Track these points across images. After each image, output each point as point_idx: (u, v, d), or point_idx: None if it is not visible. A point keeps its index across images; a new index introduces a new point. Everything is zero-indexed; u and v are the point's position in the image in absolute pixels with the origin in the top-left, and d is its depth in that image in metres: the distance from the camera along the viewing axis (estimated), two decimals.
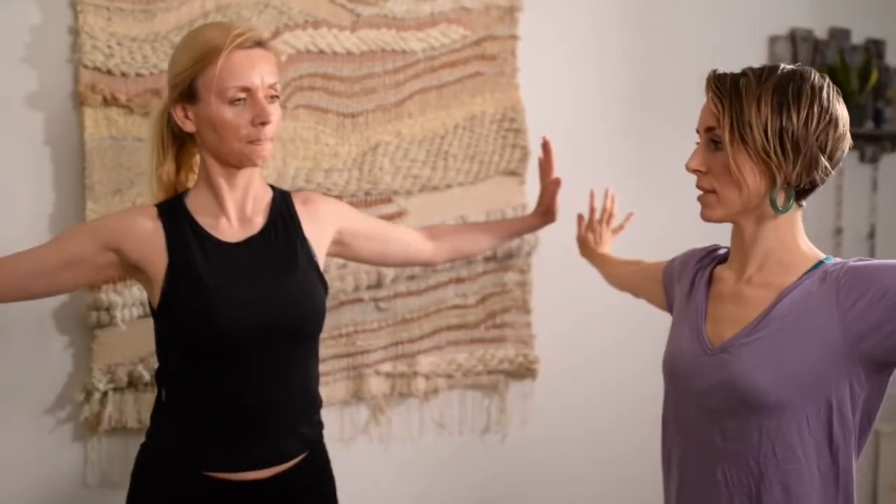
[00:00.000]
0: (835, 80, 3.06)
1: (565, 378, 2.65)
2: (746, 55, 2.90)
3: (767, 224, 1.41)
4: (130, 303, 2.06)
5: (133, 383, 2.09)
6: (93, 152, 2.03)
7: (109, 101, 2.04)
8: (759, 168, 1.35)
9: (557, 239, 2.58)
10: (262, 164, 1.68)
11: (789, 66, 1.38)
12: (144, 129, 2.05)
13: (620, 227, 2.21)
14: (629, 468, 2.75)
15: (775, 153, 1.33)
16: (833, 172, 1.39)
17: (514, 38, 2.51)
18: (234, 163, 1.67)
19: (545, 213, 2.16)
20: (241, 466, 1.68)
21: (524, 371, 2.59)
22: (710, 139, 1.41)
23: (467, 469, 2.57)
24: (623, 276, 2.00)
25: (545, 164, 2.13)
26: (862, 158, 3.19)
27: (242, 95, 1.62)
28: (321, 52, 2.28)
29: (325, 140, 2.29)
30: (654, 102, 2.77)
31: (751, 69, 1.39)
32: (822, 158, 1.34)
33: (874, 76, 3.04)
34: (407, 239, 2.03)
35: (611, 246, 2.17)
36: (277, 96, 1.67)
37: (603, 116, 2.70)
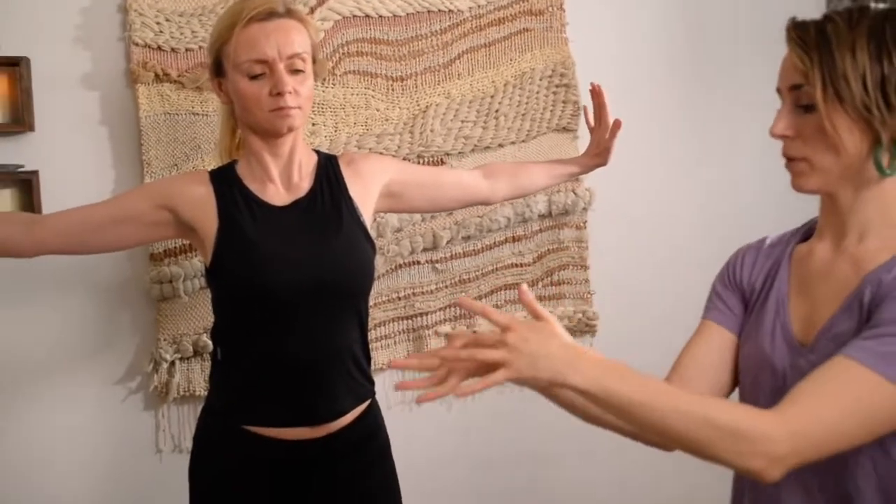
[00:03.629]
0: None
1: (625, 334, 2.63)
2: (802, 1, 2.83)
3: (870, 191, 1.21)
4: (192, 274, 2.11)
5: (198, 352, 2.15)
6: (148, 128, 2.07)
7: (161, 78, 2.08)
8: (858, 126, 1.15)
9: (612, 194, 2.57)
10: (289, 132, 1.71)
11: (881, 5, 1.19)
12: (198, 102, 2.10)
13: None
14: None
15: (877, 107, 1.13)
16: None
17: None
18: (265, 132, 1.71)
19: (602, 153, 2.12)
20: (293, 422, 1.73)
21: (584, 327, 2.58)
22: (797, 99, 1.21)
23: (527, 426, 2.57)
24: (695, 382, 1.39)
25: (599, 108, 2.09)
26: None
27: (258, 69, 1.66)
28: (367, 16, 2.28)
29: (376, 105, 2.30)
30: (706, 47, 2.70)
31: (836, 13, 1.19)
32: None
33: None
34: (461, 180, 2.03)
35: None
36: (301, 70, 1.68)
37: (652, 69, 2.64)
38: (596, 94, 2.09)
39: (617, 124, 2.07)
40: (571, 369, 1.10)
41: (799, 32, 1.20)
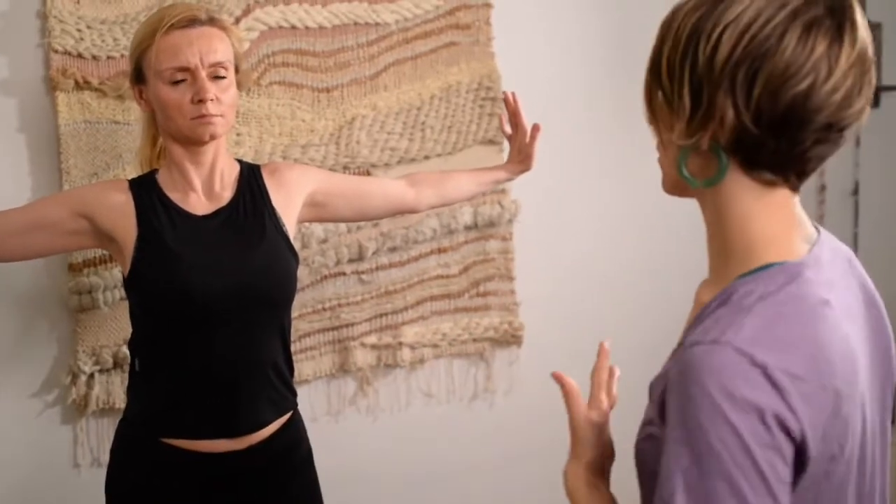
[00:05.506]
0: None
1: (550, 344, 2.67)
2: None
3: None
4: (111, 285, 2.08)
5: (118, 364, 2.11)
6: (67, 136, 2.03)
7: (82, 85, 2.04)
8: None
9: (538, 206, 2.60)
10: (211, 140, 1.70)
11: None
12: (119, 111, 2.07)
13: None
14: (616, 436, 2.78)
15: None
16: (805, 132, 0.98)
17: (487, 5, 2.49)
18: (187, 139, 1.70)
19: (524, 159, 2.15)
20: (213, 434, 1.72)
21: (509, 338, 2.61)
22: None
23: (456, 437, 2.59)
24: None
25: (513, 115, 2.12)
26: None
27: (180, 76, 1.65)
28: (293, 27, 2.27)
29: (301, 116, 2.30)
30: (634, 60, 2.74)
31: None
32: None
33: None
34: (386, 189, 2.04)
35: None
36: (223, 76, 1.68)
37: (579, 81, 2.69)
38: (507, 101, 2.12)
39: (536, 128, 2.10)
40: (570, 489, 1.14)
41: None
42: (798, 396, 0.87)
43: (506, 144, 2.49)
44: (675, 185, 1.05)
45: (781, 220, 0.99)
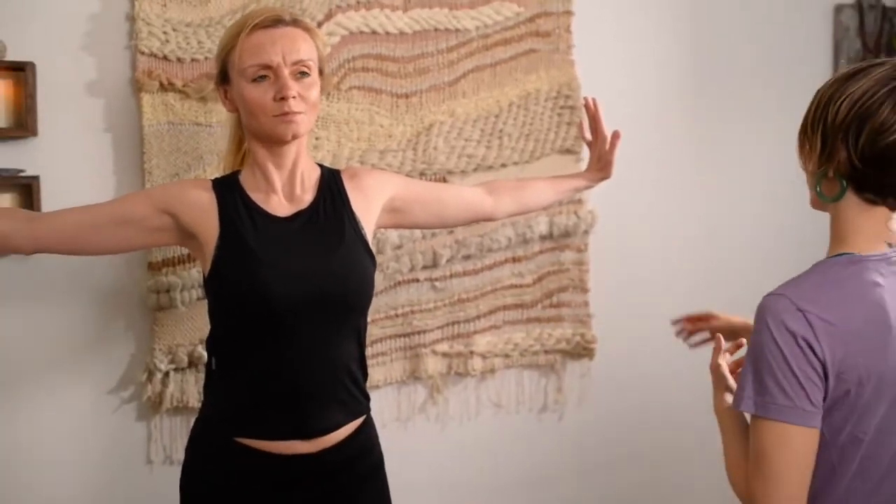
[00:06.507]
0: None
1: (622, 358, 2.63)
2: (811, 26, 2.83)
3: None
4: (189, 285, 2.10)
5: (193, 363, 2.13)
6: (151, 137, 2.06)
7: (166, 87, 2.07)
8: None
9: (614, 217, 2.57)
10: (294, 139, 1.70)
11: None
12: (202, 113, 2.10)
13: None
14: (685, 450, 2.72)
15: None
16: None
17: (568, 13, 2.48)
18: (269, 139, 1.71)
19: (604, 167, 2.14)
20: (287, 435, 1.71)
21: (581, 350, 2.57)
22: None
23: (524, 448, 2.57)
24: None
25: (594, 121, 2.10)
26: None
27: (263, 73, 1.66)
28: (374, 32, 2.28)
29: (380, 121, 2.30)
30: (713, 74, 2.71)
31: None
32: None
33: None
34: (465, 196, 2.03)
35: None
36: (307, 73, 1.69)
37: (658, 92, 2.65)
38: (588, 107, 2.10)
39: (616, 135, 2.08)
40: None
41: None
42: (824, 333, 1.33)
43: (584, 154, 2.48)
44: (815, 203, 1.48)
45: (873, 226, 1.42)
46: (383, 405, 2.37)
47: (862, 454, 1.37)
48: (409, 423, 2.43)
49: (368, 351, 2.25)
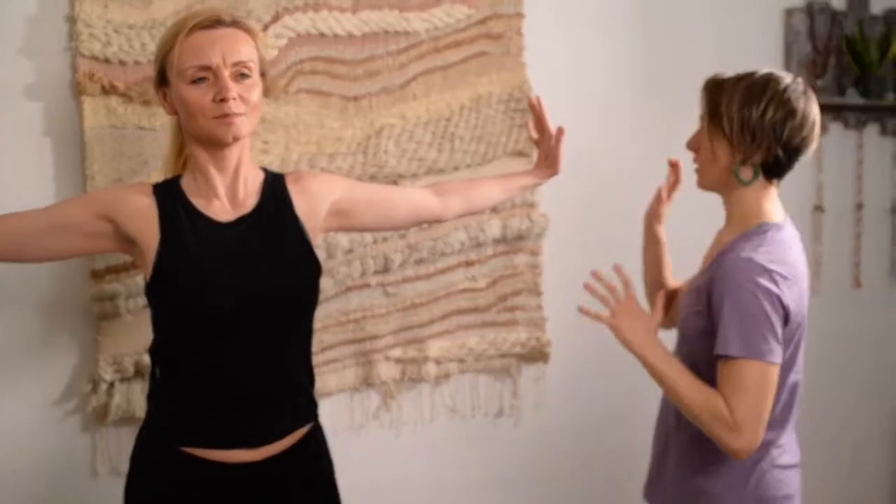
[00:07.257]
0: (853, 52, 2.98)
1: (578, 361, 2.62)
2: (762, 29, 2.85)
3: (734, 195, 1.81)
4: (134, 293, 2.05)
5: (140, 373, 2.09)
6: (93, 142, 2.02)
7: (108, 90, 2.03)
8: (728, 148, 1.77)
9: (567, 220, 2.56)
10: (234, 141, 1.67)
11: (764, 70, 1.78)
12: (145, 117, 2.06)
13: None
14: (641, 453, 2.72)
15: (739, 139, 1.74)
16: (801, 156, 1.77)
17: (519, 15, 2.46)
18: (209, 141, 1.68)
19: (552, 163, 2.14)
20: (232, 444, 1.68)
21: (536, 354, 2.56)
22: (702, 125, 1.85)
23: (480, 454, 2.54)
24: None
25: (539, 119, 2.11)
26: (883, 131, 3.10)
27: (202, 74, 1.63)
28: (322, 35, 2.25)
29: (329, 124, 2.27)
30: (664, 77, 2.71)
31: (735, 76, 1.79)
32: (777, 144, 1.72)
33: (894, 47, 2.96)
34: (412, 198, 2.01)
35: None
36: (248, 74, 1.66)
37: (610, 93, 2.65)
38: (533, 106, 2.11)
39: (560, 131, 2.09)
40: (642, 350, 1.82)
41: (709, 87, 1.82)
42: (786, 287, 1.69)
43: (535, 157, 2.46)
44: (716, 184, 1.83)
45: (771, 200, 1.80)
46: (336, 412, 2.33)
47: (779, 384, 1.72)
48: (363, 431, 2.40)
49: (320, 358, 2.23)
